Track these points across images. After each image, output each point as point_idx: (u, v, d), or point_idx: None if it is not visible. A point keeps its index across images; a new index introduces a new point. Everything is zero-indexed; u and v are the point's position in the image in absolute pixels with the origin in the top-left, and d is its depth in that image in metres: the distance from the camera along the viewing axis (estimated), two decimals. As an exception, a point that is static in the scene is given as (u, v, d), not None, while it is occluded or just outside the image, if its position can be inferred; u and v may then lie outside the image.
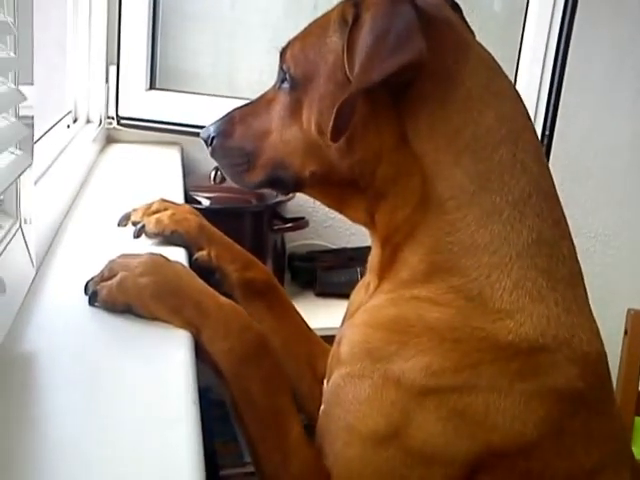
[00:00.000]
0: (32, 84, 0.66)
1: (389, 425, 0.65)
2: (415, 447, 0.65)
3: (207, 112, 1.00)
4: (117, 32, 1.52)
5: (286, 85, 0.77)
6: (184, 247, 0.89)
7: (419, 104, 0.69)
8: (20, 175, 0.55)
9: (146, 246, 0.88)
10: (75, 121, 1.54)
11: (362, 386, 0.68)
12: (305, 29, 0.76)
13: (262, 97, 0.82)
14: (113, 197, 1.17)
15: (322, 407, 0.72)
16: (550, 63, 1.65)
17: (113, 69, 1.57)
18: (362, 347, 0.70)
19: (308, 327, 0.93)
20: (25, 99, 0.58)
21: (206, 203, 1.46)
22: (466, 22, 0.79)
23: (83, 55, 1.52)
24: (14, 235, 0.60)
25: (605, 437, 0.71)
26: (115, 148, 1.61)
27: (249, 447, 0.70)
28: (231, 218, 1.46)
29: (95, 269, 0.73)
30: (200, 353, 0.68)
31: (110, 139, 1.64)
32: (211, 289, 0.73)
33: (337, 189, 0.77)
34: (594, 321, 0.72)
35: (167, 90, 1.60)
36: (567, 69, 1.69)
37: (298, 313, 0.94)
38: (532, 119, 0.75)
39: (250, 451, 0.70)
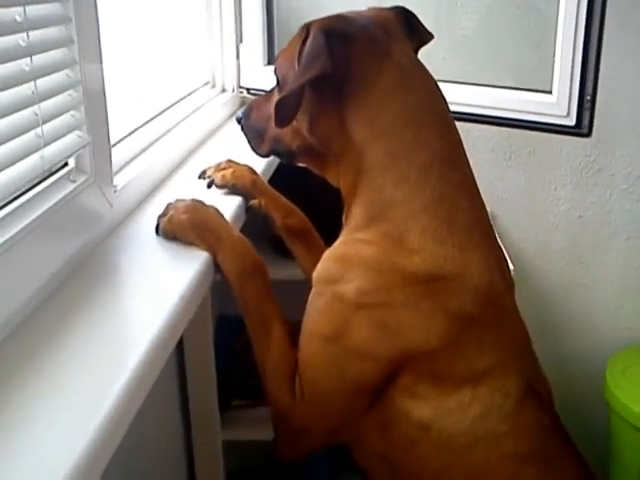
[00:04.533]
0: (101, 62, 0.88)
1: (334, 329, 0.90)
2: (351, 346, 0.89)
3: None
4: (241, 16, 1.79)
5: (277, 83, 1.01)
6: (242, 196, 1.15)
7: (350, 98, 0.91)
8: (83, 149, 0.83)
9: (217, 194, 1.16)
10: (213, 87, 1.86)
11: (319, 301, 0.93)
12: (287, 44, 0.99)
13: (271, 90, 1.07)
14: (232, 151, 1.40)
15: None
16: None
17: (242, 46, 1.84)
18: (321, 274, 0.95)
19: None
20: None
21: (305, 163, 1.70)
22: (419, 28, 1.01)
23: (216, 35, 1.81)
24: (87, 188, 0.89)
25: (496, 348, 0.91)
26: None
27: (251, 340, 0.96)
28: None
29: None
30: (217, 269, 0.94)
31: (243, 104, 1.92)
32: (230, 225, 0.98)
33: (317, 159, 1.00)
34: (492, 258, 0.92)
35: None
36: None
37: None
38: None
39: (252, 343, 0.96)
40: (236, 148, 1.47)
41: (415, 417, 0.89)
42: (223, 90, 1.89)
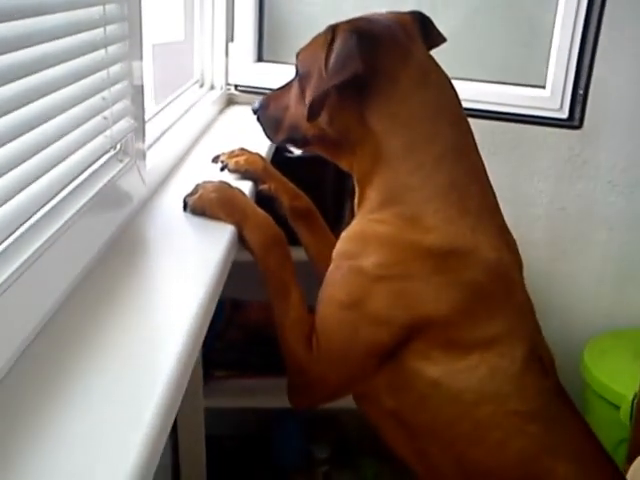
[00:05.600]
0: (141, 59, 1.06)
1: (352, 297, 1.06)
2: (368, 313, 1.05)
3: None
4: (232, 17, 1.98)
5: (298, 77, 1.18)
6: (253, 181, 1.32)
7: (371, 95, 1.07)
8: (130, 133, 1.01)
9: (230, 179, 1.32)
10: (201, 86, 2.03)
11: (338, 274, 1.10)
12: (309, 42, 1.15)
13: (287, 83, 1.23)
14: (226, 144, 1.58)
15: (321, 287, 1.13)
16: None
17: (232, 45, 2.03)
18: (340, 251, 1.12)
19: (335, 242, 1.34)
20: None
21: (298, 152, 1.87)
22: (433, 30, 1.18)
23: (207, 35, 2.00)
24: (130, 168, 1.06)
25: (503, 318, 1.07)
26: (234, 109, 2.07)
27: (270, 303, 1.12)
28: (318, 165, 1.86)
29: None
30: (242, 242, 1.11)
31: (231, 101, 2.10)
32: (253, 204, 1.16)
33: (331, 147, 1.17)
34: (500, 238, 1.09)
35: (272, 62, 2.04)
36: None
37: (330, 232, 1.35)
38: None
39: (271, 307, 1.11)
40: (229, 141, 1.65)
41: (425, 376, 1.04)
42: (212, 87, 2.07)
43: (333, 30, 1.07)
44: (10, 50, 0.66)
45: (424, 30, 1.15)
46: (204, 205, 1.13)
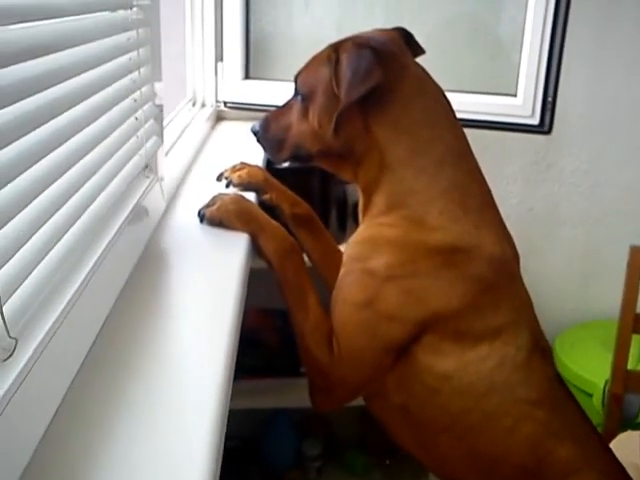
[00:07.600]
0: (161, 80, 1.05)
1: (366, 298, 1.05)
2: (382, 311, 1.04)
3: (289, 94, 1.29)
4: (221, 39, 1.96)
5: (299, 97, 1.16)
6: (255, 192, 1.30)
7: (375, 106, 1.06)
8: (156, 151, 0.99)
9: (234, 191, 1.31)
10: (194, 104, 2.01)
11: (350, 276, 1.09)
12: (307, 63, 1.14)
13: (286, 104, 1.21)
14: (220, 159, 1.58)
15: (334, 291, 1.12)
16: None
17: (220, 65, 2.01)
18: (351, 255, 1.11)
19: (337, 246, 1.32)
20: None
21: (286, 164, 1.85)
22: (415, 44, 1.18)
23: (198, 56, 1.98)
24: (154, 184, 1.05)
25: (508, 308, 1.06)
26: (224, 124, 2.05)
27: (288, 310, 1.10)
28: (304, 175, 1.83)
29: (204, 202, 1.16)
30: (257, 251, 1.10)
31: (220, 118, 2.08)
32: (266, 215, 1.14)
33: (335, 160, 1.15)
34: (501, 233, 1.09)
35: (258, 79, 2.03)
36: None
37: (330, 237, 1.34)
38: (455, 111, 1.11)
39: (289, 313, 1.10)
40: (224, 155, 1.64)
41: (437, 369, 1.03)
42: (203, 105, 2.05)
43: (336, 48, 1.06)
44: (69, 77, 0.64)
45: (408, 44, 1.15)
46: (222, 216, 1.12)
